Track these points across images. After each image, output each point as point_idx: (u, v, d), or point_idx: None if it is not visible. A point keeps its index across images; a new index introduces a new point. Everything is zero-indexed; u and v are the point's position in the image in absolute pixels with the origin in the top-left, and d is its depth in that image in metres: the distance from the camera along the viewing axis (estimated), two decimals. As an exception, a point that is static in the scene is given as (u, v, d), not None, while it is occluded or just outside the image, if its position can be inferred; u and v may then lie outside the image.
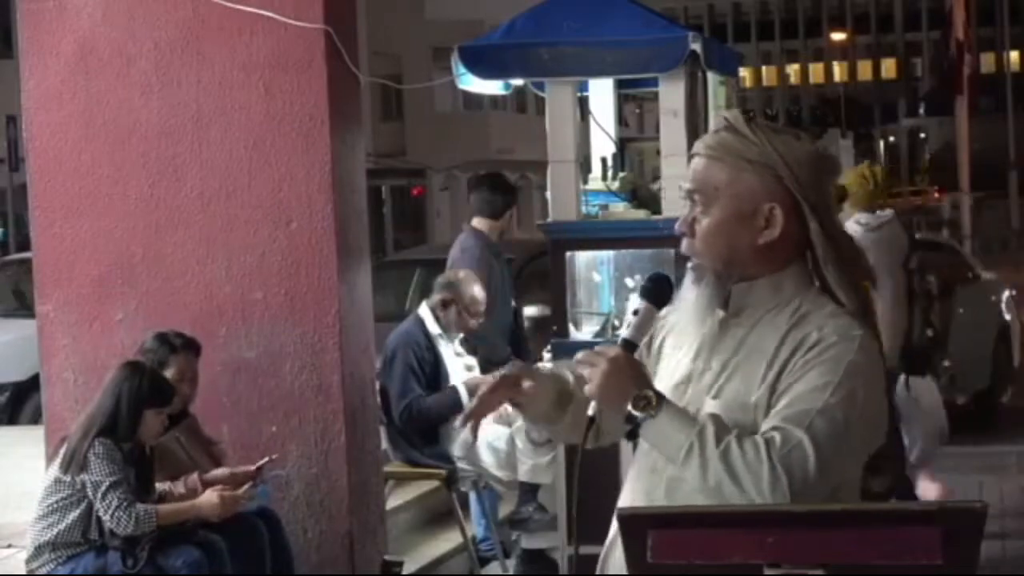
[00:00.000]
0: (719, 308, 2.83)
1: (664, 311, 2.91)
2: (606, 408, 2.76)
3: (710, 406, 2.76)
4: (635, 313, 2.84)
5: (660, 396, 2.73)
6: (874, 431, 2.76)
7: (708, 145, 2.85)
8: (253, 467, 6.08)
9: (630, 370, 2.75)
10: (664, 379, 2.88)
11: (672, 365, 2.90)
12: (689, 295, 2.85)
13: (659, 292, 2.86)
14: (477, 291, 7.73)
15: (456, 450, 7.68)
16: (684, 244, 2.86)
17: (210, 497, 5.76)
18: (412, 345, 7.68)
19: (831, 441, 2.64)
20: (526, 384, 2.95)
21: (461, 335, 7.87)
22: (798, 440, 2.62)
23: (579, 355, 2.85)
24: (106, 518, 5.55)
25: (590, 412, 2.78)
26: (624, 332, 2.84)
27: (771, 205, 2.79)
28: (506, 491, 7.93)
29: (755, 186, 2.79)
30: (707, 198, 2.82)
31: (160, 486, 5.89)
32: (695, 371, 2.84)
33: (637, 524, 2.43)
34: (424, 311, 7.83)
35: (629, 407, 2.71)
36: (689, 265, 2.86)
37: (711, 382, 2.80)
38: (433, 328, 7.74)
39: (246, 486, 5.93)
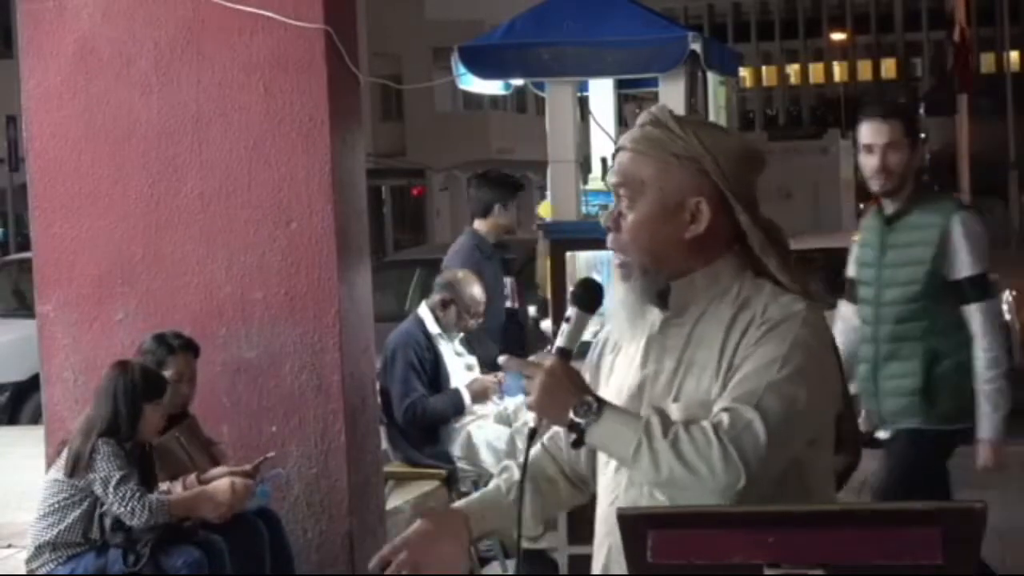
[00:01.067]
0: (656, 307, 2.82)
1: (595, 317, 2.90)
2: (548, 420, 2.77)
3: (672, 409, 2.75)
4: (567, 320, 2.83)
5: (600, 400, 2.72)
6: (826, 402, 2.76)
7: (634, 139, 2.84)
8: (250, 466, 6.08)
9: (567, 379, 2.74)
10: (616, 389, 2.87)
11: (621, 373, 2.89)
12: (619, 294, 2.84)
13: (589, 297, 2.84)
14: (477, 291, 7.73)
15: (456, 450, 7.68)
16: (610, 239, 2.84)
17: (222, 483, 5.75)
18: (412, 345, 7.68)
19: (781, 415, 2.64)
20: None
21: (461, 335, 7.87)
22: (748, 420, 2.62)
23: (503, 360, 2.85)
24: (121, 511, 5.53)
25: (531, 423, 2.79)
26: (558, 341, 2.82)
27: (697, 199, 2.78)
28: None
29: (681, 180, 2.78)
30: (633, 193, 2.81)
31: (160, 486, 5.89)
32: (647, 376, 2.82)
33: (637, 524, 2.42)
34: (424, 311, 7.83)
35: (571, 415, 2.70)
36: (616, 263, 2.84)
37: (667, 383, 2.79)
38: (433, 328, 7.75)
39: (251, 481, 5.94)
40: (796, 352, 2.69)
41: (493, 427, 7.67)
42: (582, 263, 7.17)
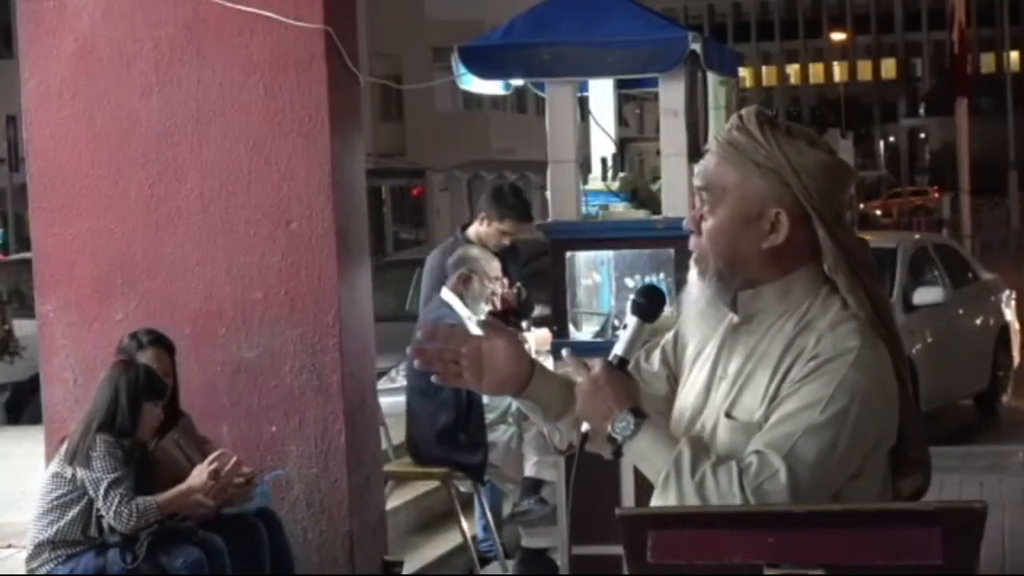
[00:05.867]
0: (729, 310, 2.81)
1: (668, 311, 2.88)
2: (590, 425, 2.74)
3: (723, 426, 2.73)
4: (623, 327, 2.80)
5: (641, 417, 2.70)
6: (871, 444, 2.71)
7: (720, 143, 2.81)
8: (249, 470, 6.05)
9: (611, 389, 2.71)
10: (691, 383, 2.86)
11: (697, 369, 2.87)
12: (694, 290, 2.82)
13: (650, 306, 2.82)
14: (494, 264, 7.64)
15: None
16: (692, 241, 2.82)
17: (199, 473, 5.69)
18: None
19: (814, 463, 2.61)
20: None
21: (488, 307, 7.76)
22: (775, 470, 2.59)
23: (565, 352, 2.83)
24: (109, 516, 5.55)
25: (584, 428, 2.75)
26: (616, 348, 2.80)
27: (777, 210, 2.74)
28: (512, 488, 7.91)
29: (762, 189, 2.74)
30: (715, 197, 2.78)
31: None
32: (714, 379, 2.81)
33: (637, 524, 2.42)
34: (447, 295, 7.72)
35: (608, 428, 2.69)
36: (693, 258, 2.82)
37: (727, 391, 2.77)
38: (463, 311, 7.66)
39: (238, 479, 5.86)
40: (840, 394, 2.65)
41: (502, 426, 7.67)
42: (582, 263, 7.16)
